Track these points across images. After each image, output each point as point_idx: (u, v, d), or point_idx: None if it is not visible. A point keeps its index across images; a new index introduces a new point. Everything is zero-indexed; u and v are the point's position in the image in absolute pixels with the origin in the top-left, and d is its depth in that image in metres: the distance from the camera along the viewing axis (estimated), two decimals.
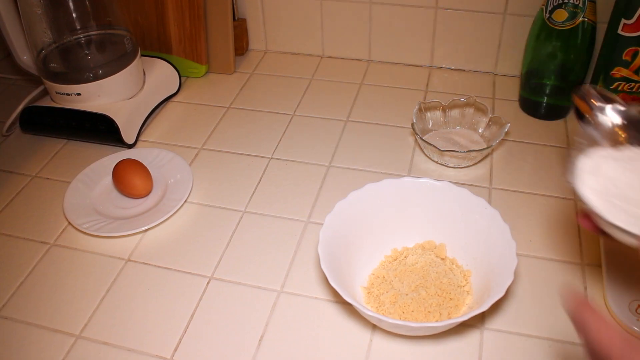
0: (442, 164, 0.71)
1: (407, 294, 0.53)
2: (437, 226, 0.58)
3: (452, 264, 0.56)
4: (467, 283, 0.54)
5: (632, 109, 0.46)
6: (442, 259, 0.57)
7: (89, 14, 0.76)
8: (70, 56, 0.78)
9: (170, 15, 0.85)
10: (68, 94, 0.75)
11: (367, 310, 0.46)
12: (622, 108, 0.46)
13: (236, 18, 0.93)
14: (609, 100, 0.46)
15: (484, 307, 0.46)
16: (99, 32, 0.78)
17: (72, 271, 0.61)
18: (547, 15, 0.69)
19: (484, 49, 0.85)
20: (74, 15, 0.75)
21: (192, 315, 0.55)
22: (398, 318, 0.51)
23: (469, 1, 0.81)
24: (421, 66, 0.90)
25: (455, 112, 0.75)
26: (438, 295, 0.53)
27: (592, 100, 0.46)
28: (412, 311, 0.52)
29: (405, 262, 0.57)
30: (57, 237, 0.65)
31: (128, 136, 0.76)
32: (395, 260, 0.57)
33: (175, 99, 0.86)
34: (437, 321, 0.50)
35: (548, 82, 0.75)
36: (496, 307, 0.54)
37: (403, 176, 0.63)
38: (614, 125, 0.46)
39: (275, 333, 0.53)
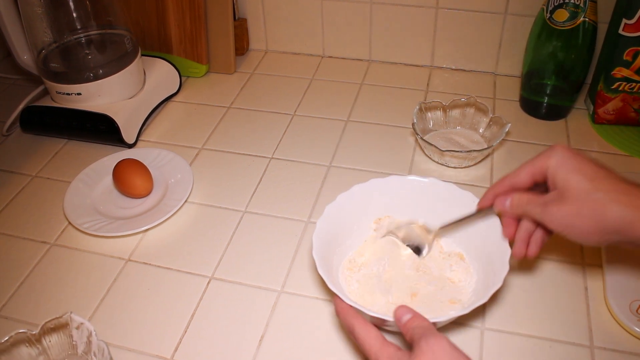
0: (442, 164, 0.71)
1: (404, 290, 0.53)
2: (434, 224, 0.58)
3: (451, 260, 0.56)
4: (466, 280, 0.54)
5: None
6: (443, 257, 0.57)
7: (90, 14, 0.76)
8: (71, 56, 0.78)
9: (170, 15, 0.85)
10: (68, 94, 0.75)
11: (364, 308, 0.46)
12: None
13: (237, 18, 0.93)
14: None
15: (484, 299, 0.46)
16: (99, 31, 0.78)
17: (73, 271, 0.61)
18: (548, 15, 0.69)
19: (485, 49, 0.85)
20: (75, 14, 0.75)
21: (192, 315, 0.55)
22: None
23: (470, 1, 0.81)
24: (422, 66, 0.90)
25: (455, 112, 0.75)
26: (437, 291, 0.53)
27: None
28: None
29: (401, 257, 0.57)
30: (57, 237, 0.65)
31: (128, 136, 0.76)
32: (391, 256, 0.58)
33: (175, 98, 0.86)
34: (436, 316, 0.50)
35: (549, 82, 0.75)
36: (497, 307, 0.54)
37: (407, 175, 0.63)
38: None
39: (276, 333, 0.53)
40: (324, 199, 0.67)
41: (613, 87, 0.72)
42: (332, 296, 0.47)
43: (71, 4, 0.74)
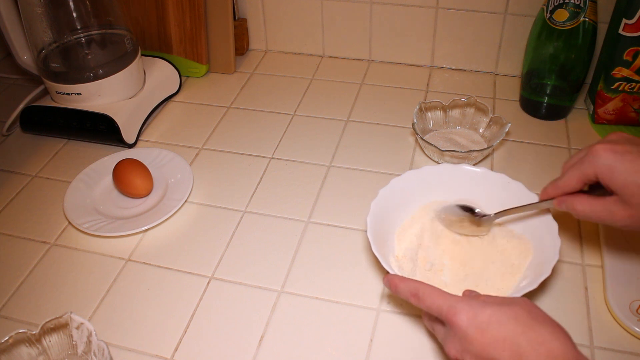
0: None
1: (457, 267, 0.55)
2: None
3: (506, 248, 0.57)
4: (519, 263, 0.55)
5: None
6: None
7: (90, 14, 0.76)
8: (71, 56, 0.78)
9: (170, 15, 0.85)
10: (68, 94, 0.75)
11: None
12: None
13: (237, 18, 0.93)
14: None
15: (534, 285, 0.48)
16: (99, 31, 0.78)
17: (73, 271, 0.61)
18: (548, 15, 0.69)
19: (485, 49, 0.85)
20: (75, 14, 0.75)
21: (192, 315, 0.55)
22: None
23: (470, 1, 0.81)
24: (422, 66, 0.90)
25: (455, 112, 0.75)
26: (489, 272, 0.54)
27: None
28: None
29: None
30: (57, 237, 0.65)
31: (128, 136, 0.76)
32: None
33: (175, 98, 0.86)
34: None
35: (549, 82, 0.75)
36: None
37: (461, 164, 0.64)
38: None
39: (276, 333, 0.53)
40: (324, 199, 0.67)
41: (613, 87, 0.72)
42: (385, 274, 0.49)
43: (71, 4, 0.74)
